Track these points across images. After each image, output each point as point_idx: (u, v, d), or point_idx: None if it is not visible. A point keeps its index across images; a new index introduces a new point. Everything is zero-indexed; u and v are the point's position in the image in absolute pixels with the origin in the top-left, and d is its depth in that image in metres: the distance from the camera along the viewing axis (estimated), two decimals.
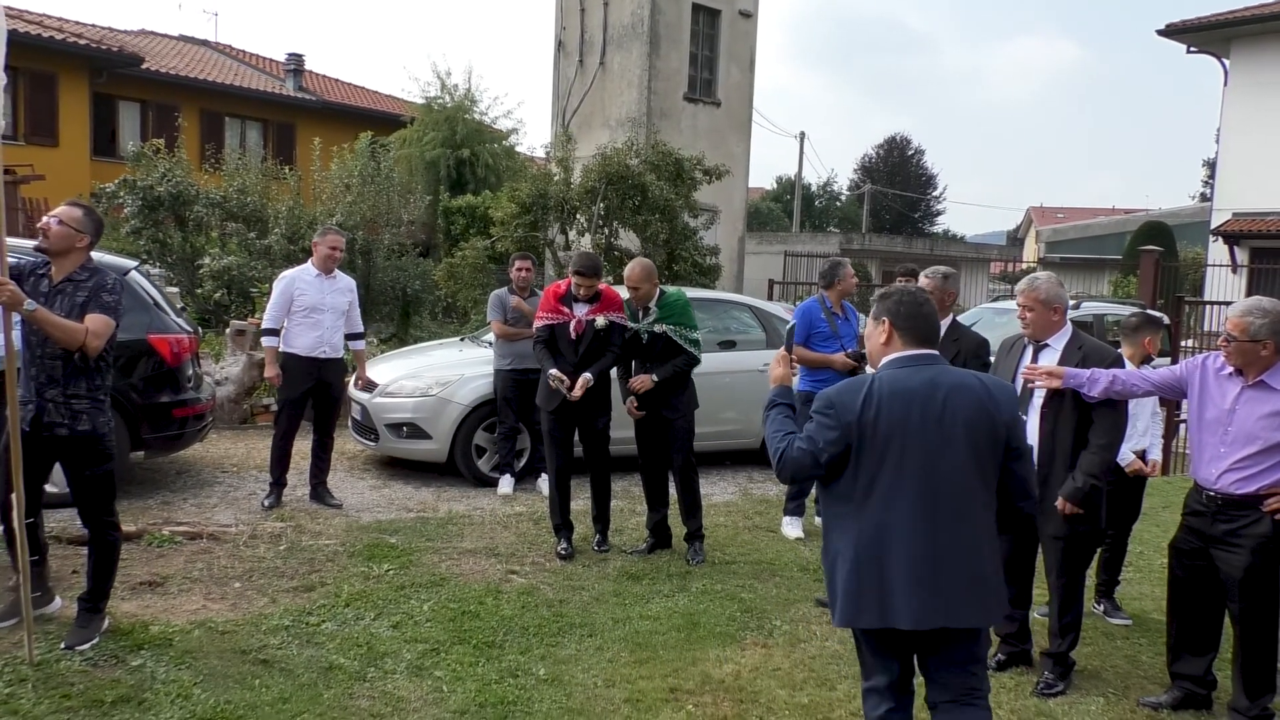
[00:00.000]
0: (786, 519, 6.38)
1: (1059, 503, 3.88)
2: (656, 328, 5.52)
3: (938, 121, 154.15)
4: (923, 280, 4.78)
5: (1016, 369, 4.12)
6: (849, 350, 6.13)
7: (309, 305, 6.21)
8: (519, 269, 7.20)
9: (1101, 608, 5.03)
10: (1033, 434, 4.00)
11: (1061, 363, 3.97)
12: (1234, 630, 3.78)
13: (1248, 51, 20.28)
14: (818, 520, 6.49)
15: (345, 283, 6.47)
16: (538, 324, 5.62)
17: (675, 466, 5.66)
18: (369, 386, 7.03)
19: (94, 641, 3.90)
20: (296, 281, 6.25)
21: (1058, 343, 4.04)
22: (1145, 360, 4.92)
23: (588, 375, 5.37)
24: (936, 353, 2.83)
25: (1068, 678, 4.09)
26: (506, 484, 7.05)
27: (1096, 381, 3.82)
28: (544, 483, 6.78)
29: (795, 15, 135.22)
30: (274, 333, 6.24)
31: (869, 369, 5.25)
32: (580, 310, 5.48)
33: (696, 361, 5.67)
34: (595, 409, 5.56)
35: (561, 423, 5.56)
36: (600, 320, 5.46)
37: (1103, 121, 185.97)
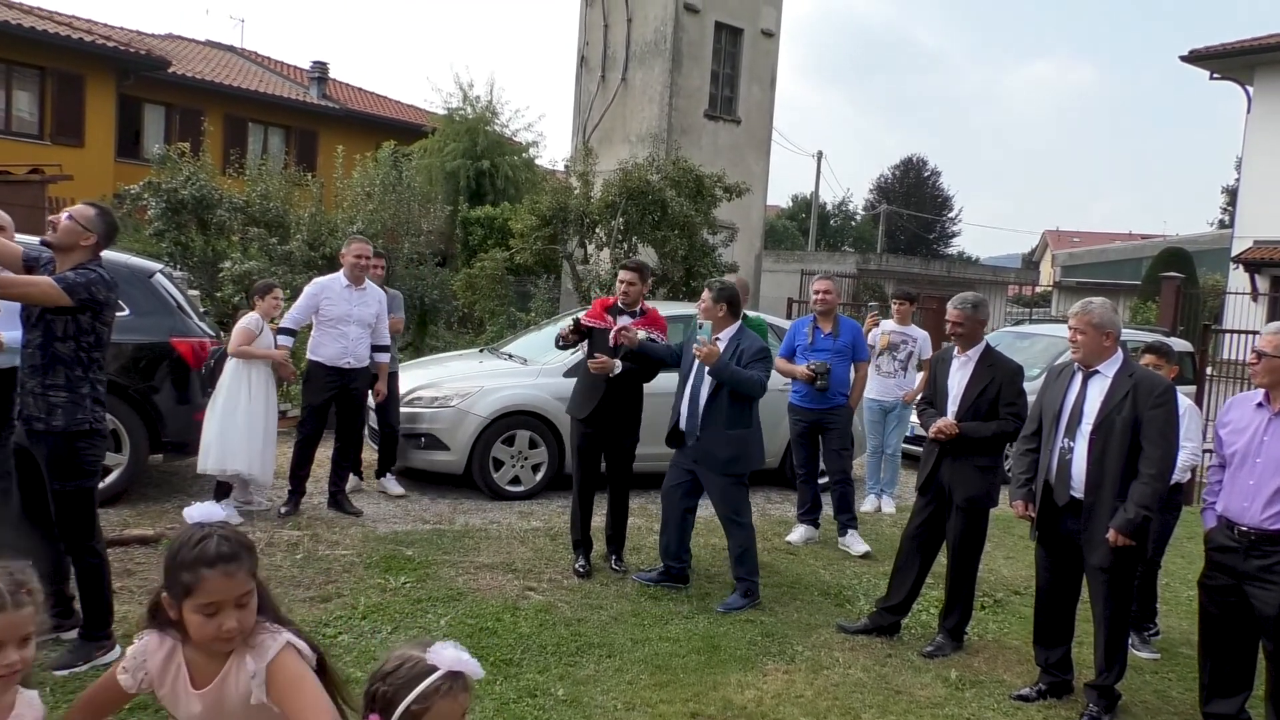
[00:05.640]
0: (851, 535, 6.50)
1: (1110, 534, 3.81)
2: None
3: (953, 141, 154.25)
4: (951, 311, 4.68)
5: (1065, 395, 4.05)
6: (811, 363, 6.35)
7: (335, 316, 6.21)
8: (372, 267, 6.65)
9: (1131, 640, 4.94)
10: (1080, 460, 3.94)
11: (1111, 391, 3.90)
12: (1268, 668, 3.70)
13: (1272, 79, 20.17)
14: (842, 545, 6.46)
15: (374, 294, 6.45)
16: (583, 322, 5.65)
17: None
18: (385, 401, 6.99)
19: (76, 669, 3.67)
20: (326, 290, 6.25)
21: (1108, 369, 3.96)
22: None
23: (617, 362, 5.37)
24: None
25: (1113, 711, 4.02)
26: (390, 483, 7.09)
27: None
28: (390, 481, 7.08)
29: (812, 34, 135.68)
30: (291, 333, 6.20)
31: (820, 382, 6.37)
32: (623, 321, 5.50)
33: (763, 390, 5.73)
34: (626, 426, 5.55)
35: (590, 438, 5.53)
36: (640, 334, 5.45)
37: (1119, 146, 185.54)
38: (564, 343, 5.69)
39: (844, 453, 6.59)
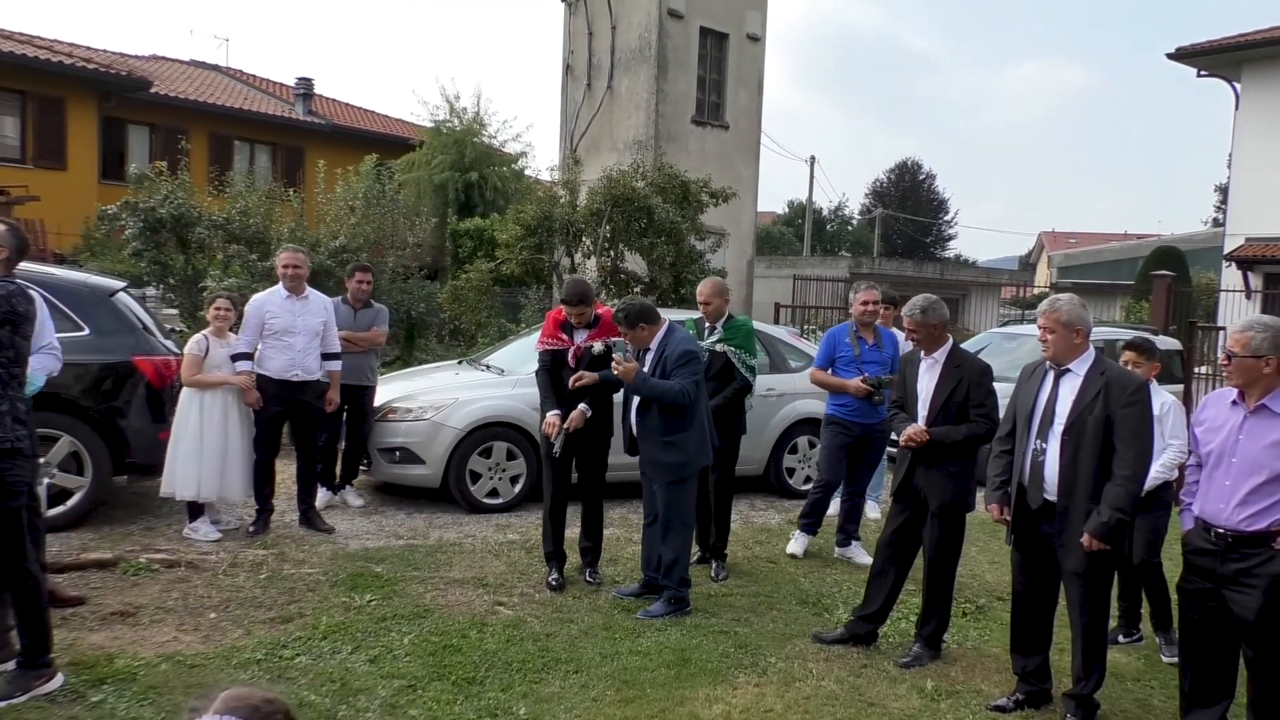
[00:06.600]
0: (855, 546, 6.41)
1: (1084, 539, 3.69)
2: (718, 347, 5.69)
3: (948, 145, 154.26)
4: (904, 319, 4.60)
5: (1037, 395, 3.94)
6: (865, 376, 6.03)
7: (280, 328, 6.09)
8: (359, 281, 7.11)
9: (1159, 643, 4.83)
10: (1052, 462, 3.83)
11: (1083, 389, 3.78)
12: (1248, 675, 3.57)
13: (1259, 75, 20.07)
14: (843, 555, 6.34)
15: (318, 302, 6.34)
16: (539, 349, 5.51)
17: (712, 482, 5.73)
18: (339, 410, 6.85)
19: (14, 700, 3.53)
20: (266, 304, 6.13)
21: (1079, 367, 3.84)
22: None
23: (583, 407, 5.24)
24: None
25: None
26: (350, 494, 7.15)
27: None
28: (350, 493, 7.12)
29: (803, 40, 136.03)
30: (247, 356, 6.06)
31: (878, 395, 6.02)
32: (580, 337, 5.39)
33: (748, 389, 5.84)
34: (597, 435, 5.43)
35: (562, 448, 5.40)
36: (598, 345, 5.34)
37: (1113, 146, 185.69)
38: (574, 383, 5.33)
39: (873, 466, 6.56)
